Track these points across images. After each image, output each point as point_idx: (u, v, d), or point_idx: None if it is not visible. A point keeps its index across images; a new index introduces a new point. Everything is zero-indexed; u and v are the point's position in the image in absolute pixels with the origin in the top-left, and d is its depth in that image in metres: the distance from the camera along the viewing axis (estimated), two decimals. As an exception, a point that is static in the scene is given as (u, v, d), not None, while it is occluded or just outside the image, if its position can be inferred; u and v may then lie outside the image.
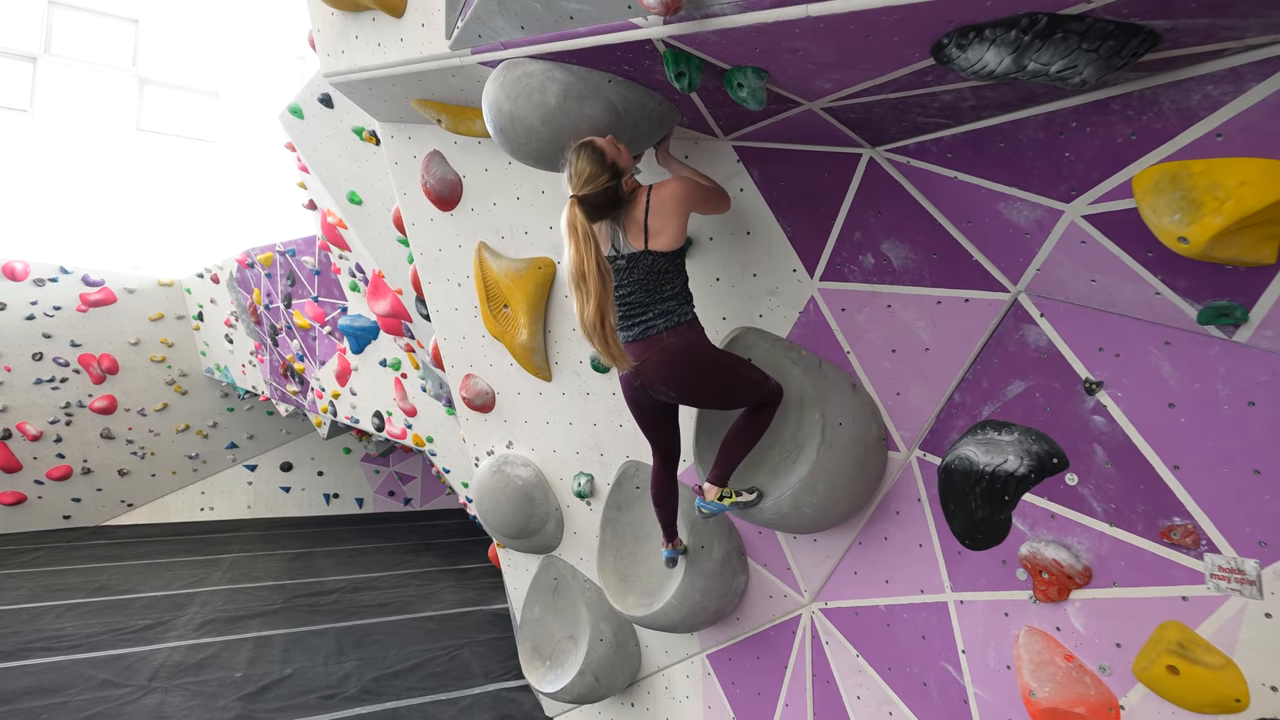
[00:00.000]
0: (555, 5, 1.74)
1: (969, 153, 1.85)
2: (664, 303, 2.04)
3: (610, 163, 1.90)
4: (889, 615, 2.46)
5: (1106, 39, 1.17)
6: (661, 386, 2.10)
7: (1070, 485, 1.91)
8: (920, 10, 1.23)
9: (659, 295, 2.04)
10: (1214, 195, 1.29)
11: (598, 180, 1.89)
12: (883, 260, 2.23)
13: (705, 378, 2.10)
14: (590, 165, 1.88)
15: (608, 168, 1.90)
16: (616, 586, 3.03)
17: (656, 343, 2.04)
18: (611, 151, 1.92)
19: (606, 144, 1.92)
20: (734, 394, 2.17)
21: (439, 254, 3.38)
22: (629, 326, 2.08)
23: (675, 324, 2.04)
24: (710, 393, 2.17)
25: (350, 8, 2.53)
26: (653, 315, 2.04)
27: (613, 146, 1.93)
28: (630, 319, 2.07)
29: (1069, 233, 1.73)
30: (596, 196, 1.91)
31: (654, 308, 2.04)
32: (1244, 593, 1.56)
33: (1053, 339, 1.95)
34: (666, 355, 2.04)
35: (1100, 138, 1.49)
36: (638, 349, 2.07)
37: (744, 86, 1.72)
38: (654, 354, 2.04)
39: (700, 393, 2.18)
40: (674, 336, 2.03)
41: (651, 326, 2.04)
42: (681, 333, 2.04)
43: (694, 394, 2.18)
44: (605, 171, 1.89)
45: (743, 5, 1.43)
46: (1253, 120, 1.24)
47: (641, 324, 2.05)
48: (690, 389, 2.14)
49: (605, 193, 1.92)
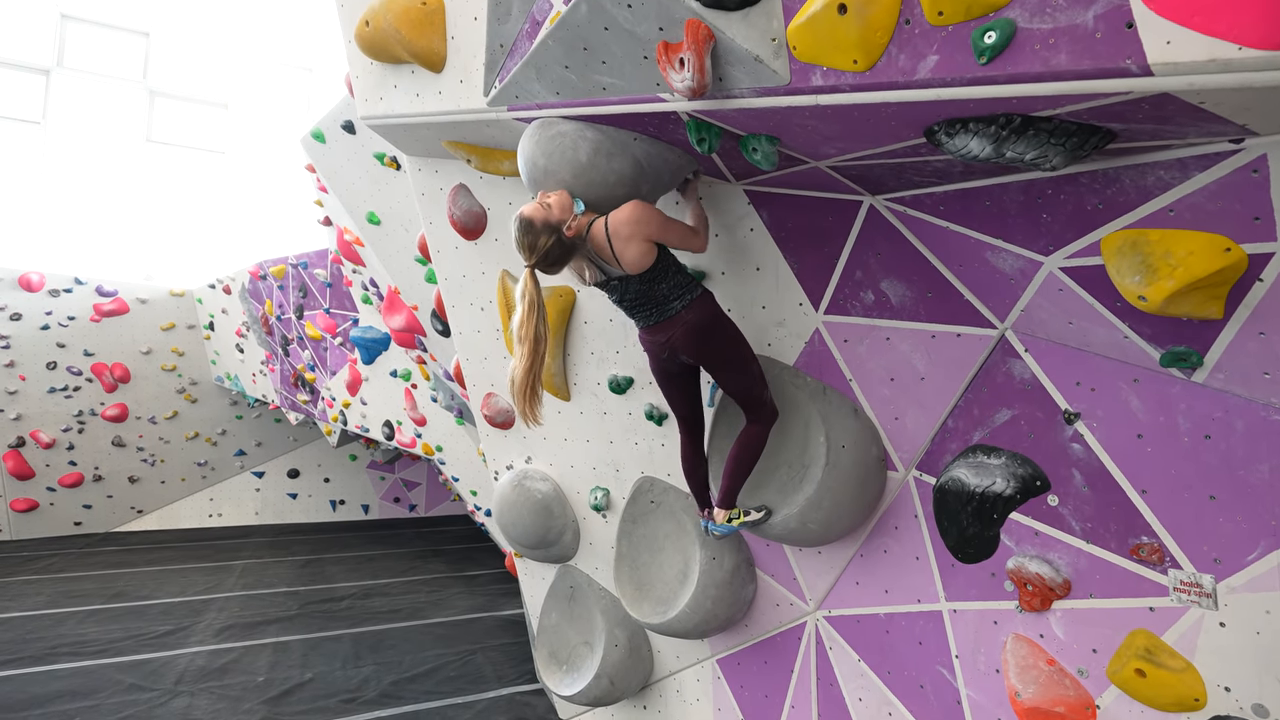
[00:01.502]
0: (589, 78, 1.95)
1: (959, 207, 2.06)
2: (670, 294, 2.27)
3: (542, 225, 2.09)
4: (888, 623, 2.65)
5: (1071, 136, 1.38)
6: (684, 354, 2.35)
7: (1052, 506, 2.11)
8: (913, 106, 1.44)
9: (661, 293, 2.27)
10: (1167, 262, 1.50)
11: (539, 246, 2.10)
12: (882, 297, 2.43)
13: (721, 343, 2.35)
14: (525, 236, 2.10)
15: (540, 231, 2.10)
16: (633, 595, 3.22)
17: (678, 320, 2.29)
18: (538, 214, 2.10)
19: (534, 212, 2.11)
20: (741, 366, 2.37)
21: (463, 279, 3.58)
22: (647, 315, 2.34)
23: (689, 302, 2.29)
24: (724, 358, 2.37)
25: (389, 60, 2.73)
26: (667, 302, 2.28)
27: (538, 208, 2.12)
28: (646, 310, 2.33)
29: (1048, 281, 1.93)
30: (546, 257, 2.13)
31: (665, 299, 2.28)
32: (1202, 604, 1.76)
33: (1036, 373, 2.16)
34: (688, 328, 2.28)
35: (1072, 204, 1.70)
36: (661, 328, 2.33)
37: (758, 151, 1.93)
38: (676, 330, 2.30)
39: (716, 355, 2.37)
40: (691, 312, 2.28)
41: (668, 310, 2.29)
42: (696, 308, 2.29)
43: (712, 356, 2.38)
44: (541, 235, 2.10)
45: (760, 91, 1.64)
46: (1197, 201, 1.45)
47: (658, 310, 2.30)
48: (709, 352, 2.36)
49: (551, 251, 2.13)
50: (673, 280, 2.26)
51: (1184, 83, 1.11)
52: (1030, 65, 1.24)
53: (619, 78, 1.88)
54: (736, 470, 2.48)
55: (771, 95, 1.62)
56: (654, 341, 2.40)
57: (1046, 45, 1.21)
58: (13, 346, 10.32)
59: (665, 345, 2.36)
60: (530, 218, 2.09)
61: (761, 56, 1.56)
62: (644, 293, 2.26)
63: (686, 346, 2.33)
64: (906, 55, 1.38)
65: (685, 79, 1.64)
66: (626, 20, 1.70)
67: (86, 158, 12.26)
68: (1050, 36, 1.21)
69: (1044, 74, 1.23)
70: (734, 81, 1.66)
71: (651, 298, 2.27)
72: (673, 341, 2.33)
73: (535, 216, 2.09)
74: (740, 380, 2.41)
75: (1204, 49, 1.07)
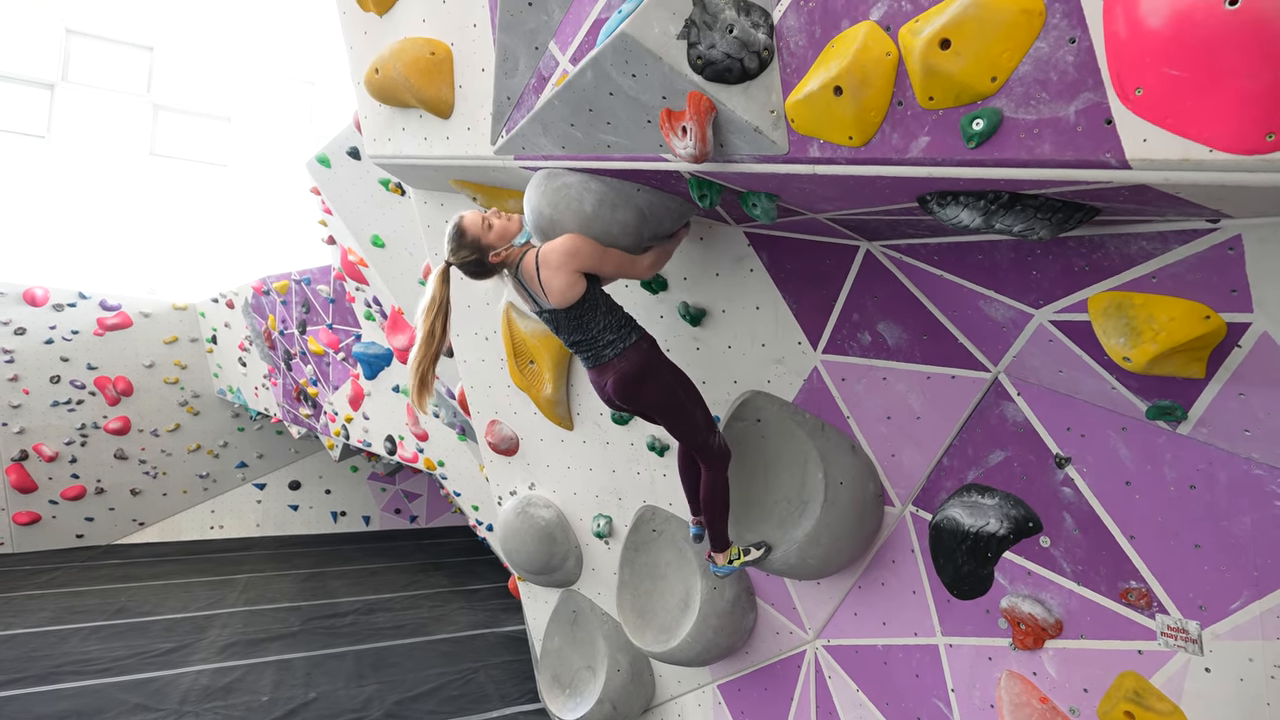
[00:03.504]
0: (594, 135, 2.02)
1: (953, 258, 2.12)
2: (603, 335, 2.24)
3: (470, 240, 2.18)
4: (886, 654, 2.71)
5: (1056, 211, 1.44)
6: (619, 401, 2.32)
7: (1044, 547, 2.17)
8: (907, 180, 1.51)
9: (593, 333, 2.25)
10: (1150, 326, 1.57)
11: (458, 254, 2.20)
12: (879, 338, 2.50)
13: (655, 393, 2.29)
14: (453, 241, 2.19)
15: (467, 245, 2.18)
16: (635, 623, 3.27)
17: (610, 368, 2.26)
18: (474, 229, 2.18)
19: (472, 224, 2.18)
20: (679, 414, 2.32)
21: (468, 310, 3.64)
22: (586, 356, 2.31)
23: (621, 350, 2.24)
24: (659, 407, 2.32)
25: (398, 104, 2.80)
26: (600, 346, 2.26)
27: (479, 224, 2.18)
28: (585, 351, 2.30)
29: (1038, 332, 2.00)
30: (461, 266, 2.23)
31: (597, 341, 2.26)
32: (1188, 650, 1.82)
33: (1028, 416, 2.22)
34: (618, 376, 2.24)
35: (1060, 264, 1.77)
36: (597, 373, 2.32)
37: (758, 206, 1.99)
38: (608, 378, 2.28)
39: (651, 404, 2.33)
40: (623, 360, 2.24)
41: (602, 355, 2.27)
42: (629, 355, 2.24)
43: (647, 406, 2.34)
44: (464, 248, 2.19)
45: (760, 158, 1.70)
46: (1178, 271, 1.51)
47: (593, 353, 2.28)
48: (644, 402, 2.32)
49: (468, 264, 2.23)
50: (604, 320, 2.23)
51: (1159, 177, 1.18)
52: (1016, 152, 1.30)
53: (623, 137, 1.95)
54: (712, 516, 2.53)
55: (770, 163, 1.69)
56: (595, 383, 2.36)
57: (1031, 135, 1.28)
58: (17, 361, 10.38)
59: (602, 390, 2.32)
60: (464, 230, 2.17)
61: (761, 128, 1.63)
62: (576, 329, 2.24)
63: (619, 395, 2.28)
64: (899, 135, 1.45)
65: (688, 146, 1.71)
66: (631, 88, 1.76)
67: (90, 171, 12.35)
68: (1035, 127, 1.27)
69: (1029, 161, 1.30)
70: (734, 149, 1.73)
71: (586, 337, 2.24)
72: (607, 388, 2.30)
73: (470, 230, 2.18)
74: (681, 427, 2.39)
75: (1178, 149, 1.13)
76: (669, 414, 2.35)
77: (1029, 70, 1.26)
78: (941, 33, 1.31)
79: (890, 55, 1.41)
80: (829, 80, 1.47)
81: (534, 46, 2.23)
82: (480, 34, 2.45)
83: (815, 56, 1.55)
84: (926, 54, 1.34)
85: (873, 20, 1.45)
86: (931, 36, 1.32)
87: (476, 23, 2.45)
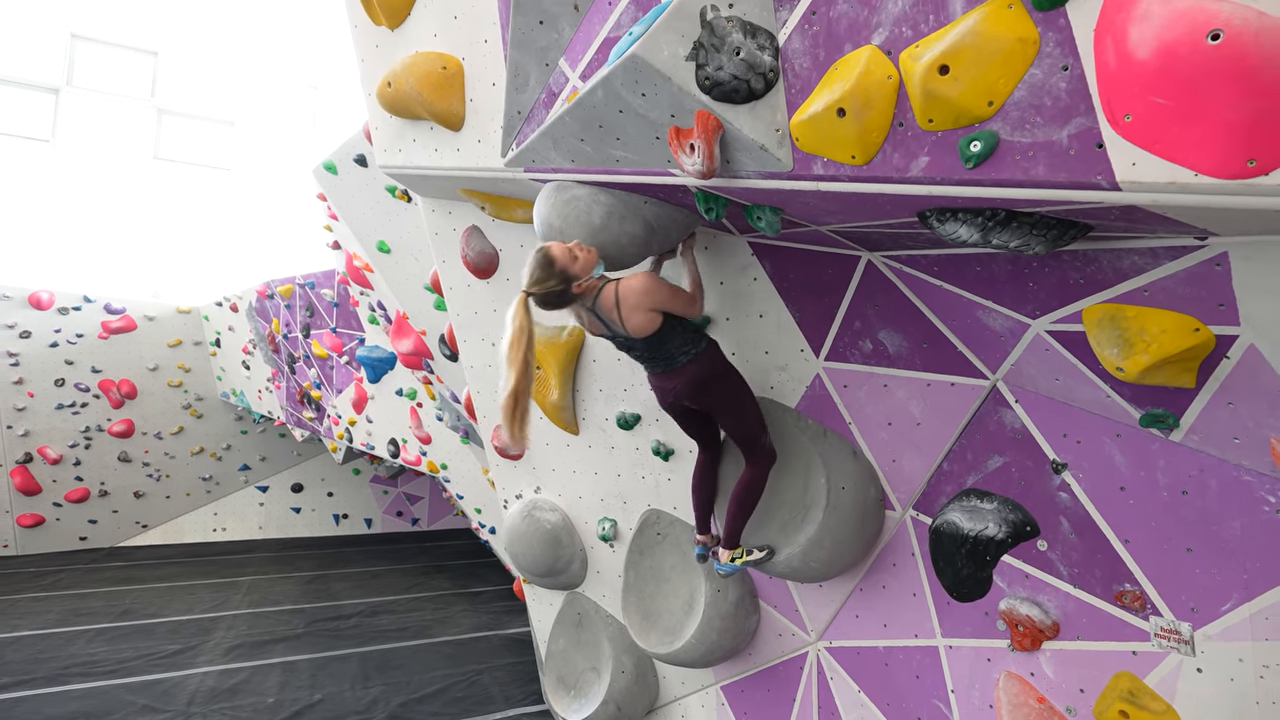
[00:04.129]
0: (603, 150, 2.08)
1: (952, 269, 2.18)
2: (677, 350, 2.40)
3: (559, 270, 2.18)
4: (887, 656, 2.76)
5: (1051, 228, 1.50)
6: (688, 401, 2.50)
7: (1041, 550, 2.23)
8: (907, 197, 1.57)
9: (667, 349, 2.39)
10: (1142, 338, 1.63)
11: (545, 284, 2.18)
12: (880, 346, 2.56)
13: (722, 391, 2.48)
14: (540, 270, 2.18)
15: (555, 274, 2.18)
16: (640, 625, 3.33)
17: (682, 372, 2.42)
18: (563, 260, 2.18)
19: (561, 254, 2.19)
20: (740, 412, 2.50)
21: (475, 316, 3.70)
22: (654, 365, 2.46)
23: (694, 356, 2.41)
24: (724, 405, 2.51)
25: (409, 116, 2.86)
26: (674, 356, 2.40)
27: (567, 255, 2.19)
28: (653, 362, 2.45)
29: (1035, 342, 2.06)
30: (544, 296, 2.22)
31: (672, 355, 2.40)
32: (1181, 651, 1.88)
33: (1025, 423, 2.28)
34: (690, 379, 2.42)
35: (1056, 277, 1.83)
36: (668, 376, 2.46)
37: (762, 219, 2.05)
38: (681, 380, 2.43)
39: (717, 402, 2.51)
40: (695, 365, 2.41)
41: (673, 362, 2.42)
42: (700, 360, 2.42)
43: (713, 403, 2.52)
44: (553, 278, 2.18)
45: (765, 175, 1.76)
46: (1168, 286, 1.57)
47: (664, 361, 2.43)
48: (711, 399, 2.50)
49: (551, 295, 2.22)
50: (678, 339, 2.38)
51: (1148, 199, 1.24)
52: (1012, 173, 1.36)
53: (632, 152, 2.01)
54: (739, 512, 2.60)
55: (775, 179, 1.75)
56: (661, 388, 2.54)
57: (1026, 157, 1.34)
58: (22, 364, 10.44)
59: (671, 392, 2.50)
60: (553, 258, 2.16)
61: (767, 146, 1.69)
62: (654, 349, 2.39)
63: (690, 394, 2.47)
64: (900, 154, 1.51)
65: (695, 163, 1.77)
66: (641, 106, 1.83)
67: (95, 175, 12.43)
68: (1030, 149, 1.33)
69: (1024, 181, 1.36)
70: (740, 165, 1.79)
71: (662, 354, 2.40)
72: (677, 389, 2.47)
73: (558, 260, 2.17)
74: (739, 424, 2.53)
75: (1165, 172, 1.19)
76: (732, 410, 2.50)
77: (1024, 95, 1.32)
78: (941, 59, 1.38)
79: (891, 79, 1.47)
80: (833, 102, 1.53)
81: (544, 63, 2.29)
82: (491, 49, 2.51)
83: (819, 78, 1.61)
84: (926, 79, 1.40)
85: (874, 45, 1.51)
86: (931, 62, 1.38)
87: (488, 39, 2.51)
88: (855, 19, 1.53)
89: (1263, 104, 1.06)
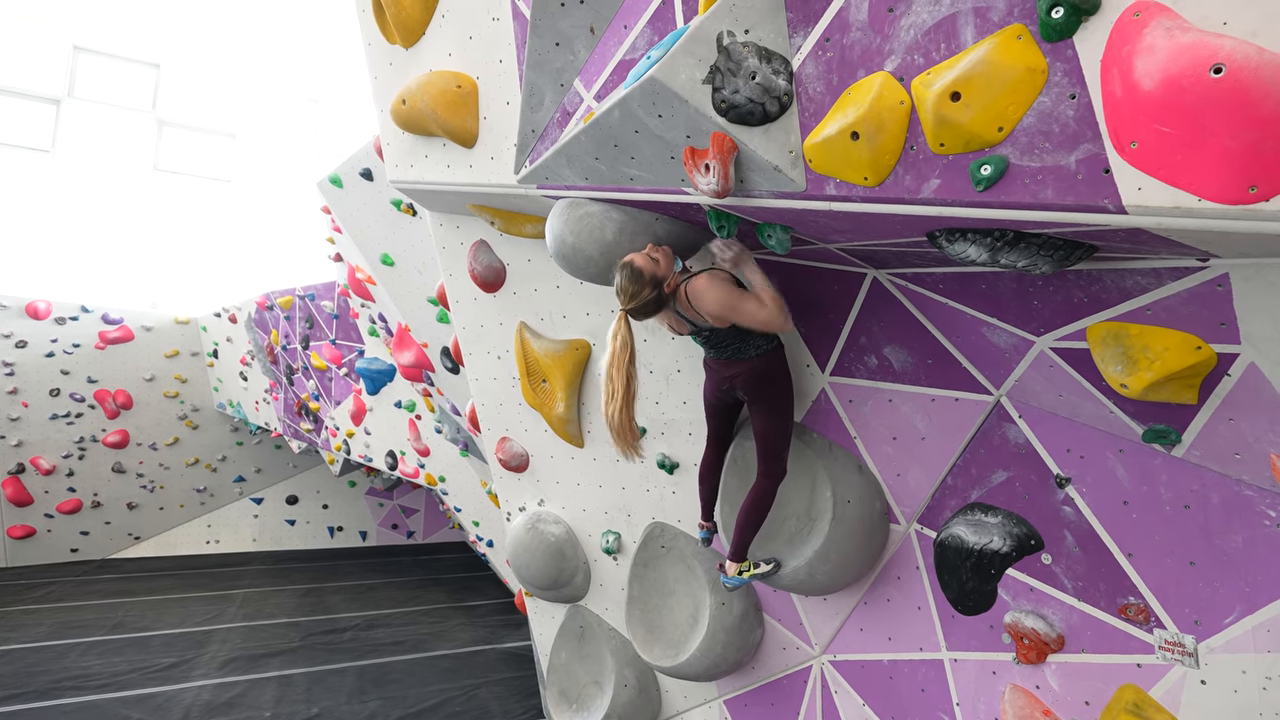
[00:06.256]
0: (618, 169, 2.13)
1: (957, 286, 2.23)
2: (753, 342, 2.46)
3: (649, 277, 2.24)
4: (892, 669, 2.78)
5: (1058, 249, 1.55)
6: (740, 391, 2.56)
7: (1045, 564, 2.26)
8: (918, 218, 1.62)
9: (747, 341, 2.46)
10: (1146, 355, 1.67)
11: (640, 295, 2.24)
12: (885, 361, 2.60)
13: (773, 393, 2.55)
14: (631, 284, 2.23)
15: (647, 282, 2.24)
16: (644, 638, 3.33)
17: (748, 363, 2.49)
18: (649, 267, 2.25)
19: (644, 262, 2.25)
20: (779, 418, 2.57)
21: (481, 329, 3.73)
22: (722, 351, 2.52)
23: (763, 352, 2.48)
24: (770, 405, 2.56)
25: (422, 132, 2.91)
26: (744, 346, 2.47)
27: (649, 261, 2.26)
28: (724, 348, 2.51)
29: (1039, 358, 2.10)
30: (644, 307, 2.28)
31: (746, 346, 2.47)
32: (1184, 663, 1.91)
33: (1029, 438, 2.32)
34: (752, 371, 2.49)
35: (1060, 296, 1.87)
36: (731, 364, 2.53)
37: (773, 237, 2.10)
38: (743, 369, 2.50)
39: (765, 401, 2.56)
40: (761, 361, 2.48)
41: (743, 353, 2.49)
42: (767, 358, 2.50)
43: (761, 400, 2.57)
44: (645, 286, 2.24)
45: (778, 195, 1.81)
46: (1170, 305, 1.62)
47: (735, 350, 2.50)
48: (761, 396, 2.55)
49: (650, 303, 2.28)
50: (757, 334, 2.43)
51: (1153, 222, 1.29)
52: (1021, 196, 1.41)
53: (646, 171, 2.06)
54: (747, 524, 2.62)
55: (789, 198, 1.80)
56: (719, 373, 2.59)
57: (1035, 180, 1.39)
58: (17, 373, 10.39)
59: (728, 379, 2.57)
60: (641, 269, 2.23)
61: (780, 166, 1.74)
62: (732, 339, 2.44)
63: (745, 385, 2.54)
64: (912, 176, 1.56)
65: (710, 183, 1.81)
66: (657, 127, 1.87)
67: (95, 186, 12.45)
68: (1039, 173, 1.38)
69: (1033, 204, 1.40)
70: (754, 185, 1.83)
71: (740, 344, 2.46)
72: (735, 377, 2.54)
73: (646, 268, 2.23)
74: (773, 430, 2.57)
75: (1170, 197, 1.24)
76: (775, 413, 2.56)
77: (1033, 122, 1.37)
78: (952, 86, 1.43)
79: (904, 104, 1.53)
80: (846, 125, 1.58)
81: (559, 83, 2.35)
82: (506, 69, 2.56)
83: (832, 102, 1.66)
84: (938, 105, 1.45)
85: (887, 71, 1.56)
86: (943, 89, 1.44)
87: (503, 59, 2.56)
88: (868, 46, 1.59)
89: (1263, 134, 1.11)
